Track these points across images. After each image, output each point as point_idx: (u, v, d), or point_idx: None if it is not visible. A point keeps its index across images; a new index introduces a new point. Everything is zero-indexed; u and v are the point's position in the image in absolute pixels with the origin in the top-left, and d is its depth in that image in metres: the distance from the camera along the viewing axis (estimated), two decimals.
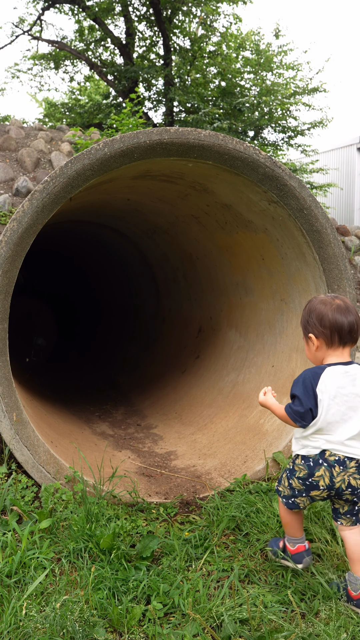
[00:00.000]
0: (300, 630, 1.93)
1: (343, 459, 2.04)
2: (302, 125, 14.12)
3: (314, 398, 2.05)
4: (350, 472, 2.03)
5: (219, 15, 14.67)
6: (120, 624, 1.98)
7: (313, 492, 2.10)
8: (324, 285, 3.40)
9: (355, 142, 16.33)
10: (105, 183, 3.42)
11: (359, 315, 2.11)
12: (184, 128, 3.00)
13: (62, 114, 18.18)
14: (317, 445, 2.07)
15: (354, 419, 2.03)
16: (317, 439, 2.07)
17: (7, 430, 2.79)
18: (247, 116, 13.00)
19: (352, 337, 2.08)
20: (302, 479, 2.10)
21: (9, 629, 1.92)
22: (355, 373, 2.06)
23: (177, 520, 2.80)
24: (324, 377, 2.05)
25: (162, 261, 5.80)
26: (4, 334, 2.81)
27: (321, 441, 2.06)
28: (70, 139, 7.03)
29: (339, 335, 2.07)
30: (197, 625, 1.94)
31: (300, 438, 2.12)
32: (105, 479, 2.97)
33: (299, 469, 2.11)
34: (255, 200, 3.47)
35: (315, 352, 2.14)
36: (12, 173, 5.60)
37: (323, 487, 2.06)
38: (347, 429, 2.03)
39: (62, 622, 1.90)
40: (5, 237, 2.73)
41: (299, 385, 2.10)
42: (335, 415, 2.03)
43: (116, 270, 7.48)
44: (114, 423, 4.68)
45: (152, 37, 16.07)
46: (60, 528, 2.55)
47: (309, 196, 3.25)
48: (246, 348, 4.33)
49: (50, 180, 2.78)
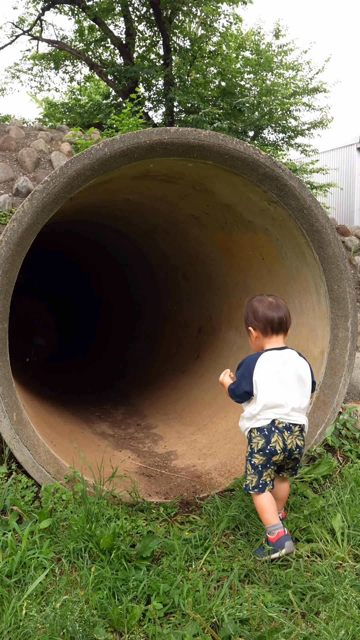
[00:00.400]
0: (300, 629, 1.93)
1: (289, 425, 2.48)
2: (302, 125, 14.12)
3: (249, 380, 2.49)
4: (295, 435, 2.49)
5: (219, 15, 14.67)
6: (120, 624, 1.98)
7: (274, 458, 2.47)
8: (324, 285, 3.40)
9: (355, 142, 16.33)
10: (105, 183, 3.42)
11: (288, 311, 2.62)
12: (184, 128, 3.00)
13: (62, 114, 18.18)
14: (267, 417, 2.47)
15: (290, 393, 2.48)
16: (266, 412, 2.48)
17: (7, 430, 2.79)
18: (247, 116, 13.00)
19: (282, 328, 2.58)
20: (262, 450, 2.46)
21: (9, 628, 1.92)
22: (287, 356, 2.53)
23: (177, 520, 2.80)
24: (259, 362, 2.50)
25: (162, 261, 5.80)
26: (4, 334, 2.81)
27: (270, 413, 2.47)
28: (70, 139, 7.03)
29: (271, 327, 2.56)
30: (197, 625, 1.94)
31: (250, 417, 2.52)
32: (106, 479, 2.97)
33: (257, 441, 2.48)
34: (255, 200, 3.47)
35: (255, 341, 2.62)
36: (12, 173, 5.60)
37: (280, 450, 2.45)
38: (287, 401, 2.46)
39: (62, 622, 1.90)
40: (5, 237, 2.73)
41: (240, 369, 2.56)
42: (274, 391, 2.46)
43: (116, 270, 7.48)
44: (114, 423, 4.68)
45: (152, 37, 16.08)
46: (60, 528, 2.55)
47: (309, 196, 3.25)
48: (246, 348, 4.33)
49: (50, 180, 2.78)
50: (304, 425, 2.52)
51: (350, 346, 3.40)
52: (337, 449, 3.44)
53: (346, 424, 3.59)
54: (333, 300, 3.39)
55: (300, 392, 2.51)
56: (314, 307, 3.55)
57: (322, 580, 2.23)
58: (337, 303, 3.39)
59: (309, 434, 3.36)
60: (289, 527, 2.62)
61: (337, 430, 3.51)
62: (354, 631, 1.96)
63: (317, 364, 3.49)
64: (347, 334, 3.38)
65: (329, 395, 3.40)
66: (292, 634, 1.88)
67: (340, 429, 3.55)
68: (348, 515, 2.67)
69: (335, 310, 3.40)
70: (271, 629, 1.92)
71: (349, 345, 3.39)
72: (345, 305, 3.37)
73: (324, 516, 2.70)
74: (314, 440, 3.34)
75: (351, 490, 2.89)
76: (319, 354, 3.49)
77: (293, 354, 2.56)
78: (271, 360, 2.49)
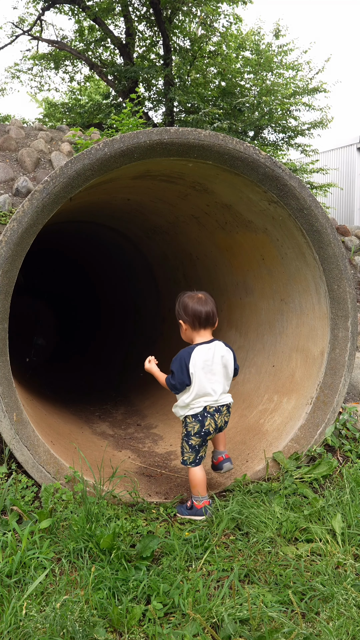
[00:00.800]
0: (300, 629, 1.93)
1: (218, 407, 2.83)
2: (302, 125, 14.11)
3: (187, 372, 2.74)
4: (224, 414, 2.87)
5: (219, 15, 14.67)
6: (120, 624, 1.98)
7: (208, 437, 2.88)
8: (324, 285, 3.40)
9: (355, 142, 16.33)
10: (105, 183, 3.42)
11: (215, 306, 2.88)
12: (184, 128, 3.00)
13: (62, 114, 18.17)
14: (200, 405, 2.79)
15: (217, 382, 2.80)
16: (198, 401, 2.79)
17: (7, 430, 2.79)
18: (247, 116, 13.00)
19: (209, 322, 2.85)
20: (198, 433, 2.82)
21: (9, 629, 1.92)
22: (215, 348, 2.82)
23: (177, 520, 2.80)
24: (193, 355, 2.76)
25: (162, 261, 5.80)
26: (4, 334, 2.81)
27: (201, 402, 2.79)
28: (70, 139, 7.02)
29: (199, 321, 2.83)
30: (197, 625, 1.94)
31: (184, 406, 2.83)
32: (106, 479, 2.97)
33: (193, 426, 2.82)
34: (255, 200, 3.47)
35: (185, 332, 2.90)
36: (12, 173, 5.60)
37: (212, 430, 2.84)
38: (215, 389, 2.79)
39: (62, 622, 1.90)
40: (5, 237, 2.73)
41: (176, 363, 2.79)
42: (204, 381, 2.77)
43: (116, 270, 7.48)
44: (114, 423, 4.68)
45: (152, 37, 16.08)
46: (60, 528, 2.55)
47: (309, 196, 3.25)
48: (246, 348, 4.33)
49: (50, 180, 2.78)
50: (230, 403, 2.91)
51: (350, 346, 3.40)
52: (337, 449, 3.44)
53: (346, 424, 3.59)
54: (333, 300, 3.39)
55: (225, 378, 2.85)
56: (314, 307, 3.55)
57: (322, 580, 2.23)
58: (337, 303, 3.39)
59: (309, 434, 3.36)
60: (289, 527, 2.62)
61: (337, 430, 3.51)
62: (354, 631, 1.96)
63: (317, 364, 3.49)
64: (347, 334, 3.38)
65: (329, 395, 3.40)
66: (292, 634, 1.88)
67: (340, 429, 3.55)
68: (348, 515, 2.67)
69: (335, 310, 3.40)
70: (271, 629, 1.92)
71: (349, 345, 3.39)
72: (345, 305, 3.37)
73: (324, 516, 2.70)
74: (314, 440, 3.34)
75: (351, 490, 2.90)
76: (319, 354, 3.49)
77: (220, 346, 2.85)
78: (202, 354, 2.78)
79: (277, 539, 2.56)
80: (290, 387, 3.66)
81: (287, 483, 3.03)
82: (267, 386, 3.88)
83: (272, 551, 2.48)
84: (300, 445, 3.34)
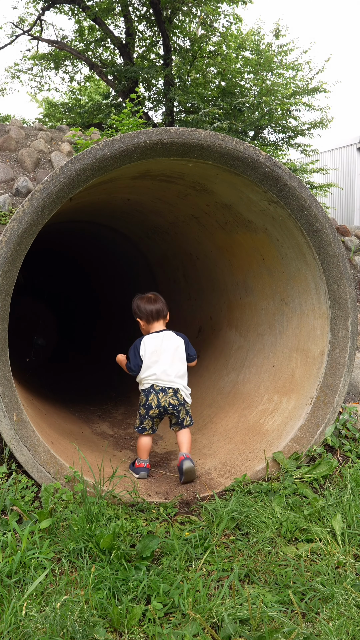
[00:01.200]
0: (300, 629, 1.93)
1: (164, 387, 3.35)
2: (302, 125, 14.11)
3: (139, 356, 3.38)
4: (169, 396, 3.35)
5: (219, 15, 14.66)
6: (120, 624, 1.98)
7: (150, 412, 3.35)
8: (324, 285, 3.40)
9: (355, 142, 16.33)
10: (105, 183, 3.42)
11: (165, 303, 3.53)
12: (184, 128, 3.00)
13: (62, 114, 18.17)
14: (148, 383, 3.37)
15: (165, 364, 3.35)
16: (147, 380, 3.38)
17: (7, 430, 2.79)
18: (247, 116, 12.99)
19: (160, 316, 3.49)
20: (143, 405, 3.38)
21: (9, 629, 1.92)
22: (163, 335, 3.42)
23: (177, 520, 2.80)
24: (144, 341, 3.41)
25: (162, 261, 5.80)
26: (4, 334, 2.81)
27: (149, 380, 3.37)
28: (70, 139, 7.02)
29: (151, 316, 3.48)
30: (197, 625, 1.94)
31: (139, 382, 3.45)
32: (106, 479, 2.97)
33: (141, 399, 3.40)
34: (255, 200, 3.47)
35: (143, 327, 3.53)
36: (12, 173, 5.60)
37: (154, 406, 3.33)
38: (161, 368, 3.35)
39: (62, 622, 1.90)
40: (5, 237, 2.73)
41: (131, 351, 3.43)
42: (152, 363, 3.36)
43: (116, 270, 7.48)
44: (114, 423, 4.68)
45: (152, 37, 16.08)
46: (60, 528, 2.55)
47: (309, 196, 3.25)
48: (246, 348, 4.33)
49: (50, 180, 2.78)
50: (179, 389, 3.37)
51: (350, 346, 3.40)
52: (337, 449, 3.44)
53: (346, 424, 3.59)
54: (333, 300, 3.39)
55: (174, 362, 3.37)
56: (313, 307, 3.55)
57: (322, 580, 2.23)
58: (337, 303, 3.39)
59: (309, 434, 3.36)
60: (289, 527, 2.62)
61: (337, 430, 3.51)
62: (354, 631, 1.96)
63: (317, 364, 3.49)
64: (347, 334, 3.38)
65: (329, 395, 3.40)
66: (292, 634, 1.88)
67: (340, 429, 3.55)
68: (348, 515, 2.67)
69: (335, 310, 3.40)
70: (271, 629, 1.92)
71: (349, 345, 3.39)
72: (345, 305, 3.37)
73: (324, 516, 2.70)
74: (314, 440, 3.34)
75: (351, 490, 2.90)
76: (319, 354, 3.49)
77: (170, 334, 3.45)
78: (152, 341, 3.40)
79: (277, 539, 2.56)
80: (290, 387, 3.66)
81: (287, 483, 3.03)
82: (267, 386, 3.88)
83: (272, 551, 2.48)
84: (300, 445, 3.34)
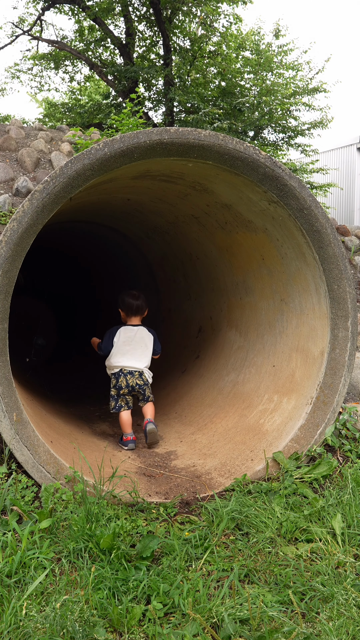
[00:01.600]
0: (300, 629, 1.93)
1: (131, 371, 4.00)
2: (302, 125, 14.10)
3: (111, 342, 3.99)
4: (136, 377, 4.01)
5: (219, 15, 14.66)
6: (120, 624, 1.98)
7: (121, 391, 4.01)
8: (324, 285, 3.40)
9: (355, 142, 16.33)
10: (105, 183, 3.42)
11: (145, 301, 4.12)
12: (184, 128, 2.99)
13: (62, 114, 18.17)
14: (118, 367, 4.01)
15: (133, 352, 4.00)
16: (117, 365, 4.00)
17: (7, 430, 2.79)
18: (247, 116, 12.99)
19: (139, 311, 4.11)
20: (114, 386, 4.03)
21: (9, 629, 1.92)
22: (136, 330, 4.05)
23: (177, 520, 2.80)
24: (120, 331, 4.02)
25: (162, 261, 5.80)
26: (4, 334, 2.81)
27: (119, 365, 3.99)
28: (70, 139, 7.02)
29: (131, 310, 4.08)
30: (197, 625, 1.94)
31: (109, 367, 4.07)
32: (105, 479, 2.97)
33: (112, 381, 4.03)
34: (255, 200, 3.47)
35: (123, 318, 4.13)
36: (12, 173, 5.59)
37: (124, 386, 3.99)
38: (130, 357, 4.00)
39: (62, 622, 1.90)
40: (5, 237, 2.73)
41: (107, 335, 4.03)
42: (123, 351, 3.99)
43: (116, 269, 7.48)
44: (114, 423, 4.68)
45: (152, 37, 16.07)
46: (60, 528, 2.55)
47: (309, 196, 3.25)
48: (246, 348, 4.33)
49: (50, 180, 2.78)
50: (143, 371, 4.02)
51: (350, 346, 3.40)
52: (337, 449, 3.44)
53: (346, 424, 3.59)
54: (333, 300, 3.39)
55: (143, 354, 4.03)
56: (313, 307, 3.55)
57: (322, 580, 2.23)
58: (337, 303, 3.39)
59: (309, 434, 3.36)
60: (289, 527, 2.62)
61: (337, 430, 3.52)
62: (354, 631, 1.96)
63: (317, 364, 3.49)
64: (347, 334, 3.38)
65: (329, 395, 3.40)
66: (292, 634, 1.88)
67: (340, 429, 3.55)
68: (348, 515, 2.67)
69: (335, 310, 3.40)
70: (271, 629, 1.92)
71: (349, 345, 3.39)
72: (345, 305, 3.37)
73: (324, 516, 2.71)
74: (314, 440, 3.34)
75: (351, 490, 2.90)
76: (319, 354, 3.49)
77: (143, 329, 4.07)
78: (126, 332, 4.02)
79: (277, 539, 2.56)
80: (290, 387, 3.66)
81: (287, 483, 3.03)
82: (267, 386, 3.88)
83: (272, 551, 2.48)
84: (300, 445, 3.34)
